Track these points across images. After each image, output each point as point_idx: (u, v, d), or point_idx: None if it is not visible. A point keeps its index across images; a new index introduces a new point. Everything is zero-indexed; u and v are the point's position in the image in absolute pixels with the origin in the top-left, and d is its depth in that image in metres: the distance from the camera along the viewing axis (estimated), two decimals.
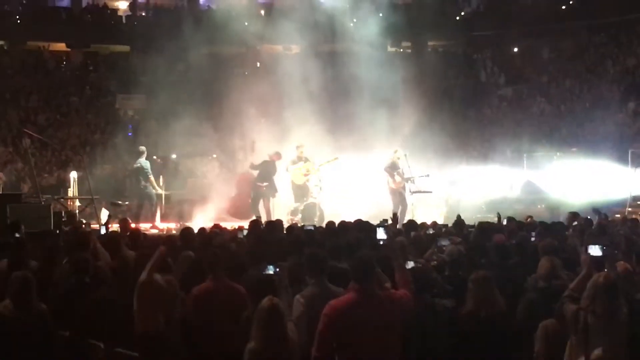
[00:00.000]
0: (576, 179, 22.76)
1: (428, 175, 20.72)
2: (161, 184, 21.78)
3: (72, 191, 21.46)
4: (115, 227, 14.35)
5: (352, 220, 12.89)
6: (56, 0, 40.35)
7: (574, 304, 6.20)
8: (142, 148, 21.00)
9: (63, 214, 18.48)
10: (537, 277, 7.83)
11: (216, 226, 13.43)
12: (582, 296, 6.13)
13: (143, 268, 7.04)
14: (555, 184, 23.17)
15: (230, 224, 17.18)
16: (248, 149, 22.33)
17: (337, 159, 21.09)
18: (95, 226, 17.77)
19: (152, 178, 20.73)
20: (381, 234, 7.56)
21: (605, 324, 5.85)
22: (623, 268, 7.19)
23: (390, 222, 12.96)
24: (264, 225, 13.34)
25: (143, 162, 20.65)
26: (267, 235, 11.78)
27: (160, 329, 6.75)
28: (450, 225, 14.34)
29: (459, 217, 14.53)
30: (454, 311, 7.21)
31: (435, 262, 9.36)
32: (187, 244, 10.04)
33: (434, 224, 14.57)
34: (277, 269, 7.04)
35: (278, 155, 21.16)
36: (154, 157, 22.86)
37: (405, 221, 15.96)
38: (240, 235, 11.85)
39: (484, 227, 12.28)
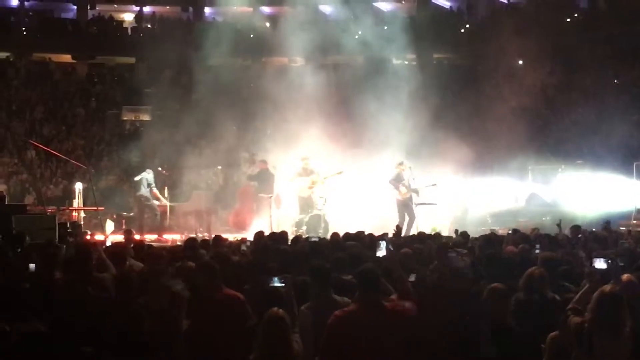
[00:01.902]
0: (581, 192, 22.72)
1: (435, 185, 20.79)
2: (166, 195, 21.82)
3: (77, 202, 21.49)
4: (119, 238, 14.37)
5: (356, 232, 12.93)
6: (62, 11, 40.50)
7: (578, 317, 6.18)
8: (149, 170, 21.27)
9: (68, 225, 18.50)
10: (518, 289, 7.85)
11: (217, 237, 13.34)
12: (586, 309, 6.12)
13: (150, 281, 7.06)
14: (560, 196, 23.14)
15: (233, 236, 17.21)
16: (249, 162, 22.37)
17: (341, 172, 21.04)
18: (100, 237, 17.79)
19: (155, 191, 20.84)
20: (381, 250, 7.50)
21: (609, 336, 5.83)
22: (627, 280, 7.15)
23: (391, 235, 12.92)
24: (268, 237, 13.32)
25: (145, 175, 20.79)
26: (272, 247, 11.75)
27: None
28: (455, 237, 14.32)
29: (456, 231, 14.57)
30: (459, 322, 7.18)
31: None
32: (191, 255, 10.04)
33: (438, 235, 14.54)
34: (283, 281, 7.04)
35: (264, 163, 21.36)
36: (159, 168, 22.91)
37: (412, 232, 15.98)
38: (243, 247, 11.79)
39: (489, 239, 12.28)
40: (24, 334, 5.96)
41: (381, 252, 7.35)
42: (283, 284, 7.04)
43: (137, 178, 21.15)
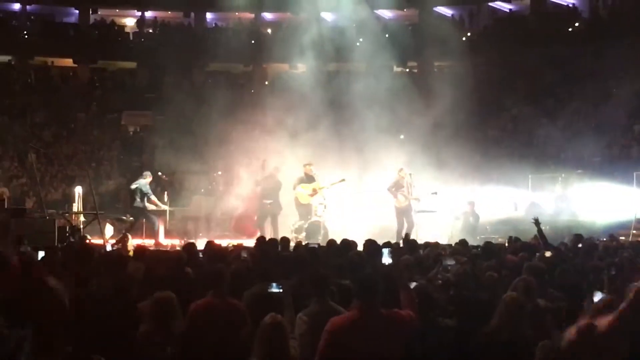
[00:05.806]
0: (581, 201, 22.71)
1: (436, 193, 20.76)
2: (166, 200, 21.77)
3: (77, 206, 21.44)
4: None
5: (355, 239, 12.89)
6: (64, 16, 40.52)
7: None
8: (147, 173, 21.08)
9: (67, 229, 18.47)
10: None
11: (210, 243, 13.10)
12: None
13: (148, 284, 7.03)
14: (560, 205, 23.11)
15: (234, 242, 17.18)
16: (259, 168, 22.27)
17: (344, 180, 20.97)
18: (99, 242, 17.76)
19: (153, 199, 20.69)
20: (386, 258, 7.44)
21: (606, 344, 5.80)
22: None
23: (395, 241, 12.90)
24: (269, 243, 13.27)
25: (142, 184, 20.62)
26: (272, 253, 11.72)
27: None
28: (454, 245, 14.28)
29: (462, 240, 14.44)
30: (457, 330, 7.15)
31: (440, 281, 9.31)
32: (191, 260, 10.01)
33: (436, 244, 14.50)
34: (281, 287, 7.02)
35: (277, 169, 21.25)
36: (159, 173, 22.89)
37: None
38: (244, 254, 11.72)
39: (490, 248, 12.26)
40: (21, 337, 5.94)
41: (385, 260, 7.33)
42: (281, 290, 7.03)
43: (133, 186, 20.99)
